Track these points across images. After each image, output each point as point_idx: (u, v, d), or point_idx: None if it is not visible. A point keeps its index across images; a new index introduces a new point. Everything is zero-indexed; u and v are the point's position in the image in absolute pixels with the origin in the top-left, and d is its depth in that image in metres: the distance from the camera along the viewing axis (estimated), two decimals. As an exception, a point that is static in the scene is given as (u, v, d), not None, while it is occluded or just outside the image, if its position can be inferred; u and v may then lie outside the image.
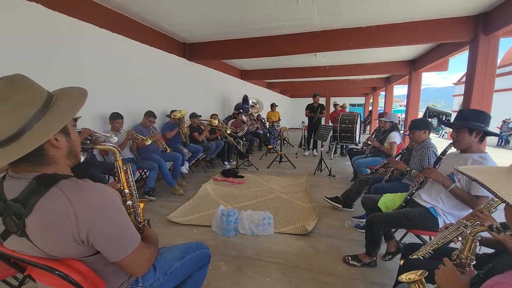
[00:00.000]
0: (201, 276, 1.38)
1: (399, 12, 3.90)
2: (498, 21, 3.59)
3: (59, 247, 0.84)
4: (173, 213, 3.26)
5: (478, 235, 0.97)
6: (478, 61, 3.90)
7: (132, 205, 1.18)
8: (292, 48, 5.02)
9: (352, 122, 6.50)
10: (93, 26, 3.53)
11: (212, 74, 7.06)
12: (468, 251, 0.96)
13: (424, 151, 2.48)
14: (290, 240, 2.69)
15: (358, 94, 17.59)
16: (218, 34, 5.03)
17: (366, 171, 3.87)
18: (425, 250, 1.40)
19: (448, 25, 4.06)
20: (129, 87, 4.23)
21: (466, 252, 0.96)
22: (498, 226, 0.91)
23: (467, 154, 1.84)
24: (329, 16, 4.06)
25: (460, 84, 19.75)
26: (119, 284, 1.01)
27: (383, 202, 2.23)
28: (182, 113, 4.66)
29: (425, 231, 1.96)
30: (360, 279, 2.07)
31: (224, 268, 2.21)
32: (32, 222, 0.79)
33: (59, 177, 0.82)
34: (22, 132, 0.77)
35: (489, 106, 3.93)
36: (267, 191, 4.20)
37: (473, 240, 0.97)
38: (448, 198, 1.87)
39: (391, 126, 4.02)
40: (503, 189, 0.66)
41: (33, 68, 2.83)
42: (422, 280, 0.91)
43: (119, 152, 1.16)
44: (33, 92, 0.81)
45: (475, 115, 1.82)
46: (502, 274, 0.65)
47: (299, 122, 8.20)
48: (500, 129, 14.01)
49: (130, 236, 0.92)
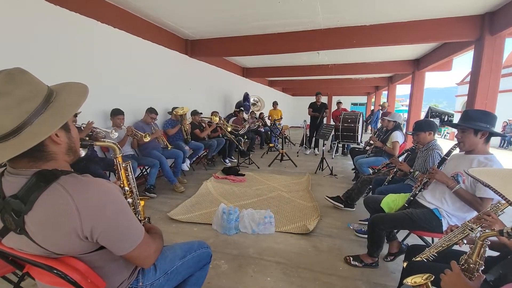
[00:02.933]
0: (202, 275, 1.37)
1: (403, 10, 3.85)
2: (504, 21, 3.54)
3: (61, 244, 0.82)
4: (173, 211, 3.25)
5: (487, 240, 0.94)
6: (483, 61, 3.85)
7: (132, 202, 1.17)
8: (295, 46, 4.99)
9: (355, 121, 6.47)
10: (95, 21, 3.50)
11: (213, 71, 7.04)
12: (477, 256, 0.93)
13: (428, 153, 2.45)
14: (291, 239, 2.68)
15: (361, 93, 17.52)
16: (220, 31, 5.00)
17: (368, 171, 3.85)
18: (429, 253, 1.37)
19: (454, 24, 4.02)
20: (130, 83, 4.21)
21: (474, 257, 0.93)
22: (509, 231, 0.89)
23: (472, 155, 1.82)
24: (333, 14, 4.02)
25: (463, 84, 19.65)
26: (119, 283, 1.00)
27: (386, 202, 2.21)
28: (184, 110, 4.64)
29: (429, 232, 1.94)
30: (362, 279, 2.05)
31: (224, 267, 2.19)
32: (32, 219, 0.77)
33: (60, 173, 0.81)
34: (23, 127, 0.75)
35: (494, 107, 3.89)
36: (268, 189, 4.18)
37: (483, 245, 0.93)
38: (453, 199, 1.84)
39: (394, 125, 3.99)
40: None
41: (34, 63, 2.80)
42: (429, 284, 0.89)
43: (118, 148, 1.14)
44: (33, 86, 0.79)
45: (480, 115, 1.79)
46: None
47: (301, 120, 8.17)
48: (502, 130, 13.94)
49: (134, 229, 0.91)
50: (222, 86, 7.64)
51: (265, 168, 5.65)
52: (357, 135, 6.47)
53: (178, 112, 4.62)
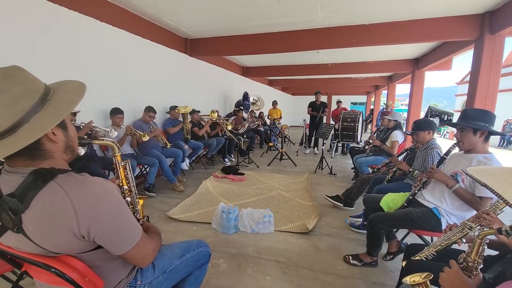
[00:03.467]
0: (201, 274, 1.37)
1: (403, 10, 3.85)
2: (504, 20, 3.53)
3: (58, 243, 0.82)
4: (173, 210, 3.25)
5: (486, 238, 0.94)
6: (483, 60, 3.85)
7: (131, 201, 1.16)
8: (295, 45, 4.98)
9: (354, 121, 6.47)
10: (94, 19, 3.49)
11: (213, 71, 7.03)
12: (475, 255, 0.93)
13: (428, 152, 2.45)
14: (290, 238, 2.68)
15: (360, 93, 17.51)
16: (220, 30, 4.99)
17: (367, 170, 3.85)
18: (428, 252, 1.38)
19: (454, 24, 4.01)
20: (130, 82, 4.20)
21: (473, 256, 0.94)
22: (507, 230, 0.89)
23: (471, 154, 1.81)
24: (332, 13, 4.01)
25: (462, 83, 19.65)
26: (118, 281, 1.00)
27: (386, 201, 2.21)
28: (186, 109, 4.65)
29: (428, 231, 1.94)
30: (361, 279, 2.05)
31: (223, 265, 2.19)
32: (29, 217, 0.77)
33: (57, 172, 0.80)
34: (19, 125, 0.75)
35: (493, 106, 3.88)
36: (268, 188, 4.18)
37: (481, 243, 0.94)
38: (452, 198, 1.84)
39: (395, 125, 3.99)
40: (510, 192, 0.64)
41: (32, 61, 2.80)
42: (427, 283, 0.89)
43: (117, 147, 1.14)
44: (30, 84, 0.79)
45: (479, 114, 1.79)
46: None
47: (301, 120, 8.17)
48: (502, 130, 13.94)
49: (132, 229, 0.91)
50: (222, 85, 7.63)
51: (264, 167, 5.65)
52: (357, 134, 6.47)
53: (180, 111, 4.62)
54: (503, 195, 0.63)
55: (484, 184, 0.70)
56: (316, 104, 7.36)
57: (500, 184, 0.67)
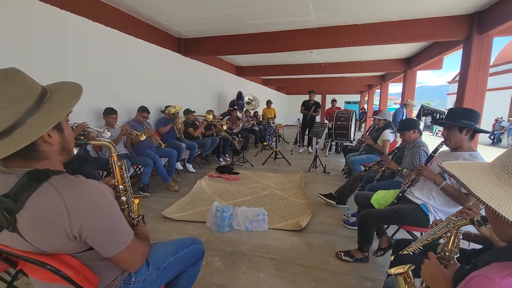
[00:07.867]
0: (195, 271, 1.39)
1: (395, 10, 3.91)
2: (492, 20, 3.62)
3: (51, 243, 0.83)
4: (167, 209, 3.26)
5: (461, 229, 1.02)
6: (471, 60, 3.94)
7: (127, 201, 1.17)
8: (288, 45, 5.02)
9: (348, 120, 6.54)
10: (87, 19, 3.48)
11: (207, 70, 7.03)
12: (452, 245, 1.00)
13: (415, 150, 2.51)
14: (284, 236, 2.71)
15: (354, 92, 17.66)
16: (213, 30, 5.00)
17: (360, 168, 3.91)
18: (415, 246, 1.43)
19: (443, 24, 4.09)
20: (123, 82, 4.19)
21: (450, 246, 1.00)
22: (478, 219, 0.96)
23: (458, 152, 1.88)
24: (325, 13, 4.06)
25: (454, 82, 19.93)
26: (112, 279, 1.02)
27: (376, 198, 2.26)
28: (176, 108, 4.65)
29: (416, 227, 1.99)
30: (353, 274, 2.10)
31: (218, 263, 2.22)
32: (23, 217, 0.79)
33: (51, 173, 0.82)
34: (15, 127, 0.76)
35: (482, 105, 3.98)
36: (262, 187, 4.22)
37: (457, 234, 1.01)
38: (439, 195, 1.90)
39: (385, 124, 4.06)
40: (478, 184, 0.68)
41: (26, 62, 2.78)
42: (409, 273, 0.95)
43: (114, 147, 1.15)
44: (27, 86, 0.81)
45: (465, 113, 1.86)
46: (480, 269, 0.68)
47: (295, 119, 8.22)
48: (492, 128, 14.18)
49: (123, 232, 0.92)
50: (216, 85, 7.64)
51: (259, 167, 5.68)
52: (350, 133, 6.54)
53: (170, 110, 4.62)
54: (467, 184, 0.68)
55: (452, 175, 0.75)
56: (309, 103, 7.42)
57: (467, 176, 0.71)
